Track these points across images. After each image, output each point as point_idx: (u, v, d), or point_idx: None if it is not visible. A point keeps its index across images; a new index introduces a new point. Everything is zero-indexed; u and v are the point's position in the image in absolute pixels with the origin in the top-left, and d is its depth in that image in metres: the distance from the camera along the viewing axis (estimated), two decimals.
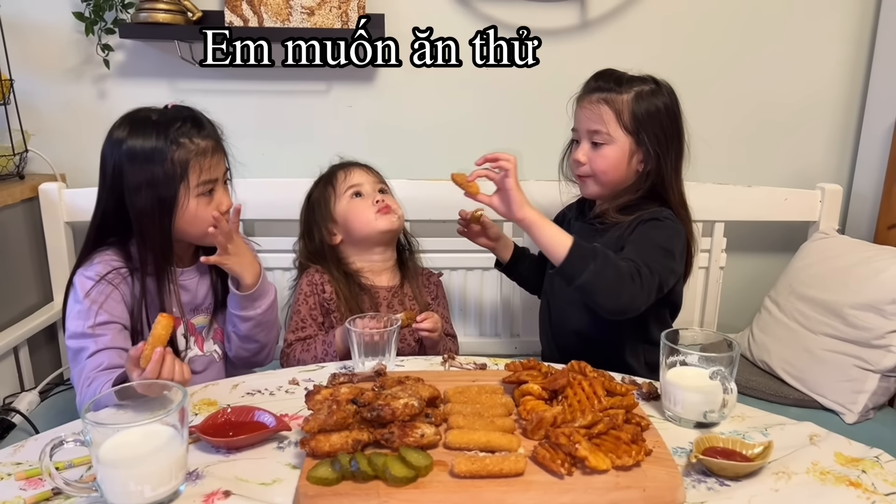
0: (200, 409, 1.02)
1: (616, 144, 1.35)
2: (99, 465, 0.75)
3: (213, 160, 1.25)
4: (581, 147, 1.40)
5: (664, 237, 1.30)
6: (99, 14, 1.73)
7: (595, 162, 1.37)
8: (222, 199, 1.27)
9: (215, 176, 1.26)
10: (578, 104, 1.41)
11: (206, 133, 1.25)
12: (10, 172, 1.78)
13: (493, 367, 1.17)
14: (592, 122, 1.36)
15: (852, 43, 1.98)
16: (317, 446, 0.83)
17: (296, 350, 1.40)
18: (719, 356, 0.97)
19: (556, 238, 1.20)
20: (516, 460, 0.81)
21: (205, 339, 1.34)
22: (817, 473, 0.87)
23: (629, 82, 1.36)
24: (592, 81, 1.40)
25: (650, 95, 1.35)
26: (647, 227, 1.31)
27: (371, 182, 1.50)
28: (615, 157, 1.36)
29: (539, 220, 1.22)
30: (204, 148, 1.23)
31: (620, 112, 1.34)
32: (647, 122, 1.34)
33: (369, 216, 1.44)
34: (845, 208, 2.03)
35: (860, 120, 2.01)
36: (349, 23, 1.77)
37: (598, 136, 1.36)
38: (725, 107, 1.96)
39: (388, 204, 1.47)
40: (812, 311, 1.65)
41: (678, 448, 0.91)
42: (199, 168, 1.22)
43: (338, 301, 1.42)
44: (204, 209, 1.24)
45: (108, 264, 1.24)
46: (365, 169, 1.53)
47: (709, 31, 1.94)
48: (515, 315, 1.95)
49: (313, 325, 1.43)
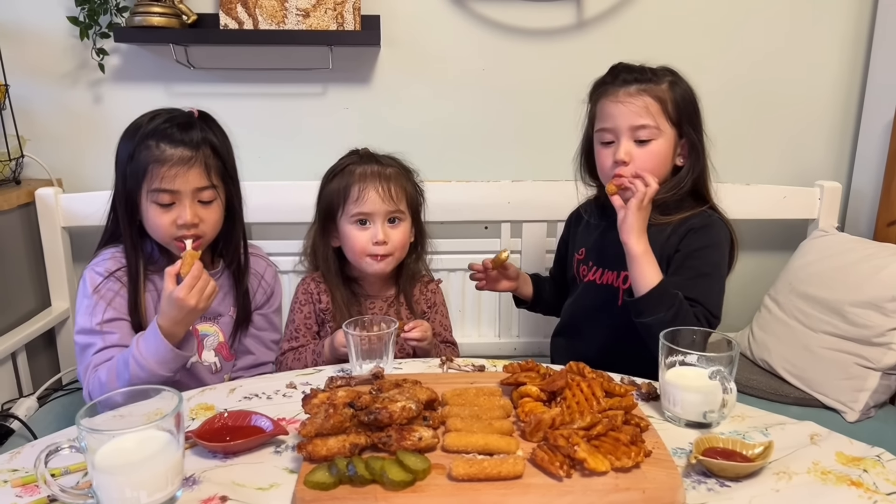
0: (197, 414, 1.01)
1: (663, 138, 1.27)
2: (94, 471, 0.75)
3: (174, 171, 1.18)
4: (622, 145, 1.26)
5: (720, 256, 1.27)
6: (94, 18, 1.73)
7: (641, 160, 1.25)
8: (184, 215, 1.20)
9: (175, 188, 1.19)
10: (609, 99, 1.29)
11: (183, 142, 1.20)
12: (7, 178, 1.77)
13: (492, 368, 1.17)
14: (638, 116, 1.25)
15: (850, 39, 1.97)
16: (314, 450, 0.82)
17: (288, 359, 1.39)
18: (719, 356, 0.96)
19: (649, 275, 1.19)
20: (515, 463, 0.80)
21: (205, 347, 1.33)
22: (818, 473, 0.86)
23: (654, 71, 1.29)
24: (625, 74, 1.29)
25: (679, 83, 1.29)
26: (702, 241, 1.27)
27: (383, 212, 1.34)
28: (663, 151, 1.27)
29: (643, 256, 1.20)
30: (169, 156, 1.18)
31: (664, 101, 1.26)
32: (686, 111, 1.28)
33: (364, 249, 1.35)
34: (844, 205, 2.02)
35: (858, 116, 2.01)
36: (344, 24, 1.77)
37: (645, 130, 1.25)
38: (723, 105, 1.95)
39: (383, 254, 1.35)
40: (812, 310, 1.65)
41: (678, 449, 0.91)
42: (154, 175, 1.18)
43: (334, 310, 1.39)
44: (156, 215, 1.21)
45: (119, 261, 1.24)
46: (384, 185, 1.34)
47: (705, 30, 1.94)
48: (514, 316, 1.94)
49: (307, 334, 1.41)
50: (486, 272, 1.43)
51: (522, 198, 1.84)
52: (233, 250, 1.34)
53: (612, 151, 1.29)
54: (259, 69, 1.87)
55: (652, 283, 1.18)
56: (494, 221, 1.89)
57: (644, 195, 1.19)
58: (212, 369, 1.34)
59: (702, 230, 1.28)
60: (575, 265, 1.45)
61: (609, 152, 1.30)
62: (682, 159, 1.32)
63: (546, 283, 1.58)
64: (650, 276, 1.19)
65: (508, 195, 1.84)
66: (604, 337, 1.35)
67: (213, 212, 1.26)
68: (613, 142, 1.29)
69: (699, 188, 1.34)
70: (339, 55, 1.85)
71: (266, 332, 1.42)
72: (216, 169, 1.25)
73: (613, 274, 1.35)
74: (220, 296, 1.33)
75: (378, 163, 1.38)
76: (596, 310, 1.38)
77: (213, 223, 1.26)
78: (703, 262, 1.26)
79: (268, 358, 1.41)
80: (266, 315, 1.42)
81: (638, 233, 1.20)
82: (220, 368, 1.35)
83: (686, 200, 1.32)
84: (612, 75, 1.32)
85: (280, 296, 1.45)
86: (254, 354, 1.40)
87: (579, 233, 1.49)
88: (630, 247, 1.20)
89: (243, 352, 1.40)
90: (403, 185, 1.38)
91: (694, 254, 1.27)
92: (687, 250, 1.27)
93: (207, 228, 1.25)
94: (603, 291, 1.36)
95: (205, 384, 1.31)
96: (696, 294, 1.22)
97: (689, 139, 1.30)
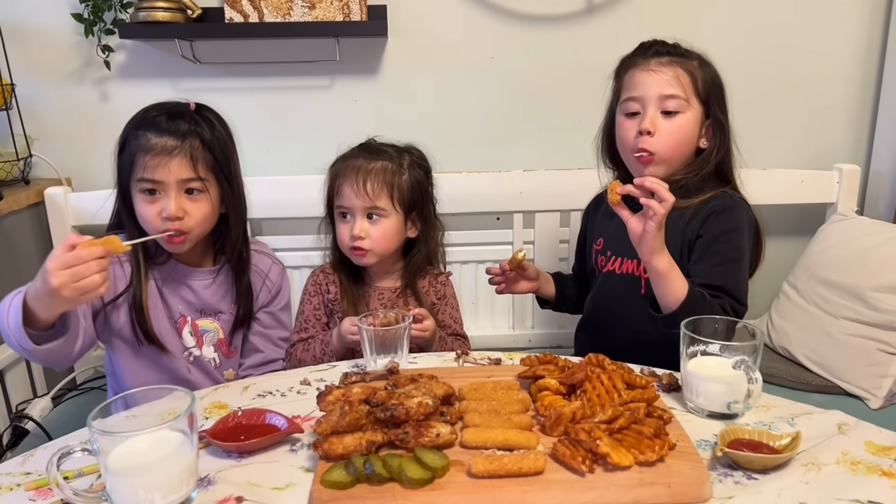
0: (211, 413, 1.00)
1: (691, 112, 1.24)
2: (108, 474, 0.74)
3: (157, 161, 1.16)
4: (648, 115, 1.23)
5: (744, 239, 1.23)
6: (98, 15, 1.72)
7: (666, 132, 1.23)
8: (168, 207, 1.18)
9: (159, 178, 1.17)
10: (640, 69, 1.26)
11: (170, 133, 1.18)
12: (16, 178, 1.77)
13: (508, 361, 1.15)
14: (669, 85, 1.22)
15: (866, 20, 1.93)
16: (330, 449, 0.81)
17: (297, 350, 1.38)
18: (742, 345, 0.94)
19: (677, 288, 1.12)
20: (535, 458, 0.78)
21: (205, 343, 1.32)
22: (848, 464, 0.84)
23: (685, 49, 1.27)
24: (657, 46, 1.27)
25: (708, 65, 1.27)
26: (725, 224, 1.22)
27: (360, 207, 1.32)
28: (689, 126, 1.24)
29: (668, 272, 1.12)
30: (153, 145, 1.17)
31: (695, 77, 1.24)
32: (713, 91, 1.26)
33: (344, 245, 1.36)
34: (863, 188, 1.98)
35: (876, 98, 1.96)
36: (351, 15, 1.74)
37: (674, 101, 1.22)
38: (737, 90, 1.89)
39: (360, 248, 1.33)
40: (832, 295, 1.62)
41: (702, 441, 0.88)
42: (138, 165, 1.18)
43: (342, 301, 1.39)
44: (144, 207, 1.20)
45: None
46: (360, 181, 1.32)
47: (717, 13, 1.90)
48: (528, 307, 1.92)
49: (316, 325, 1.40)
50: (504, 274, 1.40)
51: (534, 187, 1.82)
52: (230, 247, 1.31)
53: (637, 123, 1.25)
54: (265, 63, 1.85)
55: (681, 296, 1.12)
56: (507, 212, 1.86)
57: (663, 216, 1.08)
58: (212, 364, 1.33)
59: (724, 213, 1.24)
60: (593, 256, 1.42)
61: (633, 124, 1.26)
62: (705, 141, 1.29)
63: (569, 280, 1.54)
64: (679, 289, 1.13)
65: (520, 185, 1.82)
66: (628, 329, 1.30)
67: (201, 206, 1.22)
68: (639, 112, 1.26)
69: (724, 171, 1.30)
70: (346, 46, 1.83)
71: (274, 330, 1.40)
72: (205, 162, 1.21)
73: (633, 263, 1.31)
74: (220, 292, 1.33)
75: (366, 157, 1.35)
76: (618, 300, 1.34)
77: (201, 218, 1.22)
78: (728, 246, 1.22)
79: (277, 355, 1.40)
80: (273, 313, 1.40)
81: (661, 249, 1.12)
82: (219, 364, 1.35)
83: (708, 182, 1.28)
84: (642, 49, 1.30)
85: (288, 293, 1.43)
86: (262, 352, 1.39)
87: (597, 222, 1.46)
88: (654, 265, 1.13)
89: (251, 350, 1.39)
90: (389, 181, 1.33)
91: (718, 238, 1.23)
92: (710, 235, 1.23)
93: (193, 223, 1.21)
94: (624, 281, 1.32)
95: (209, 378, 1.31)
96: (723, 281, 1.19)
97: (715, 119, 1.27)
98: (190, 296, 1.30)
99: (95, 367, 1.79)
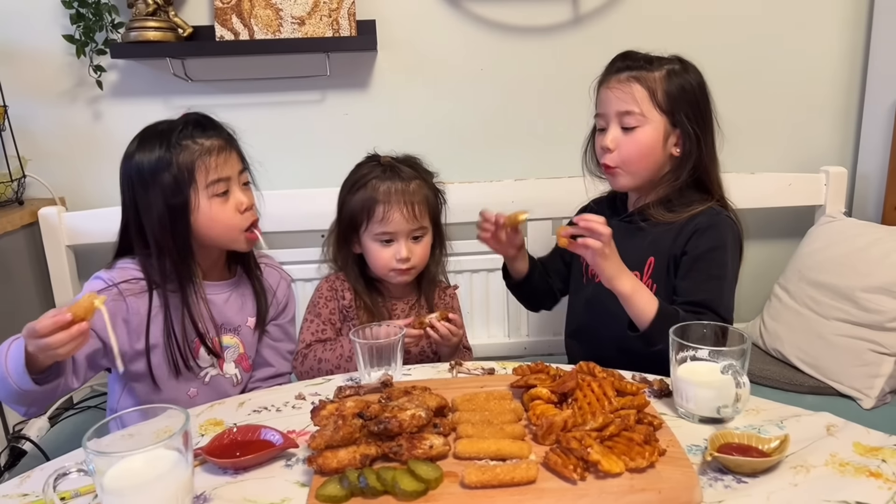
0: (207, 430, 1.00)
1: (650, 126, 1.26)
2: (104, 493, 0.74)
3: (221, 158, 1.21)
4: (609, 132, 1.29)
5: (728, 257, 1.25)
6: (89, 35, 1.73)
7: (626, 148, 1.27)
8: (241, 199, 1.23)
9: (226, 174, 1.22)
10: (604, 86, 1.31)
11: (212, 133, 1.22)
12: (9, 198, 1.78)
13: (502, 371, 1.16)
14: (623, 102, 1.27)
15: (849, 22, 1.96)
16: (324, 463, 0.82)
17: (316, 350, 1.35)
18: (730, 350, 0.95)
19: (646, 305, 1.16)
20: (528, 468, 0.79)
21: (226, 360, 1.31)
22: (836, 465, 0.85)
23: (658, 60, 1.29)
24: (619, 61, 1.31)
25: (682, 72, 1.29)
26: (709, 243, 1.25)
27: (406, 230, 1.33)
28: (649, 140, 1.27)
29: (633, 293, 1.16)
30: (209, 147, 1.20)
31: (654, 90, 1.26)
32: (682, 100, 1.27)
33: (387, 265, 1.35)
34: (851, 190, 2.00)
35: (861, 100, 1.98)
36: (340, 30, 1.76)
37: (631, 117, 1.26)
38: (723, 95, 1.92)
39: (407, 269, 1.35)
40: (823, 297, 1.63)
41: (692, 446, 0.89)
42: (206, 168, 1.19)
43: (357, 310, 1.39)
44: (220, 209, 1.21)
45: (130, 273, 1.21)
46: (408, 206, 1.32)
47: (703, 20, 1.92)
48: (523, 316, 1.93)
49: (332, 330, 1.40)
50: (496, 227, 1.37)
51: (526, 196, 1.83)
52: (247, 255, 1.33)
53: (603, 138, 1.31)
54: (256, 79, 1.87)
55: (651, 311, 1.15)
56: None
57: (600, 247, 1.14)
58: (233, 381, 1.32)
59: (708, 231, 1.26)
60: (583, 265, 1.42)
61: (601, 139, 1.32)
62: (677, 150, 1.30)
63: (539, 267, 1.52)
64: (647, 305, 1.16)
65: (512, 194, 1.83)
66: (618, 337, 1.29)
67: (252, 194, 1.29)
68: (605, 128, 1.31)
69: (702, 180, 1.31)
70: (336, 61, 1.85)
71: (282, 343, 1.40)
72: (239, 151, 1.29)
73: None
74: (237, 305, 1.32)
75: (400, 178, 1.35)
76: (612, 311, 1.32)
77: (255, 206, 1.28)
78: (711, 264, 1.25)
79: (286, 369, 1.40)
80: (282, 325, 1.40)
81: (618, 274, 1.17)
82: (240, 381, 1.33)
83: (691, 194, 1.30)
84: (610, 65, 1.33)
85: (294, 306, 1.44)
86: (273, 366, 1.38)
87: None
88: (617, 290, 1.17)
89: (263, 363, 1.38)
90: (426, 198, 1.37)
91: (702, 256, 1.25)
92: (695, 253, 1.25)
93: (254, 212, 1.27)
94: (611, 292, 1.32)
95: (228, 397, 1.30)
96: (705, 298, 1.21)
97: (682, 129, 1.28)
98: (212, 312, 1.27)
99: (92, 386, 1.79)
